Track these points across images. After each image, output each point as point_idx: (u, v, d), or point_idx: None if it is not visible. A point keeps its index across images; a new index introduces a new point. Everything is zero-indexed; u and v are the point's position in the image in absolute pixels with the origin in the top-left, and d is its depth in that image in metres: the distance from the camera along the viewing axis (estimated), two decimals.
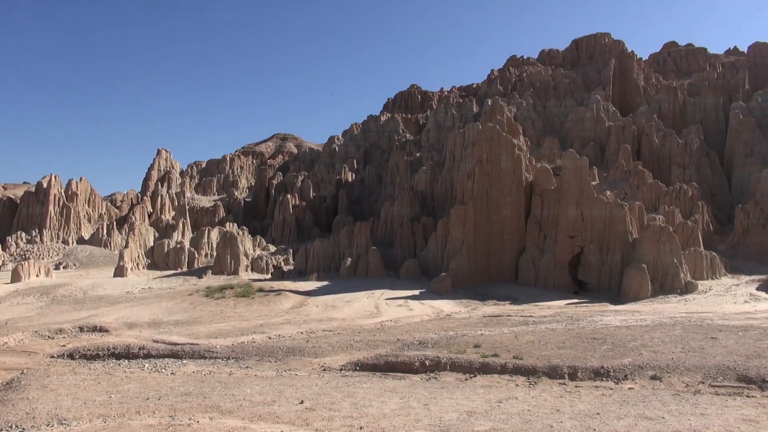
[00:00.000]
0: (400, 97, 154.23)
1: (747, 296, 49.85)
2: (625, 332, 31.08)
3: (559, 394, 19.27)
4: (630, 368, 23.45)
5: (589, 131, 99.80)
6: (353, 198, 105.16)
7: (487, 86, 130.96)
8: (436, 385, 21.48)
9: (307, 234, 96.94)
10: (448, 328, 36.23)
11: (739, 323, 35.04)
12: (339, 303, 50.31)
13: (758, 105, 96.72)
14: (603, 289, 55.33)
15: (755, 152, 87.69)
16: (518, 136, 70.08)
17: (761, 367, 22.68)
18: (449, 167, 77.23)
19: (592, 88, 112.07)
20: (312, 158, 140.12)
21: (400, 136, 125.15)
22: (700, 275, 57.14)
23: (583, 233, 58.34)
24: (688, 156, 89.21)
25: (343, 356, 29.37)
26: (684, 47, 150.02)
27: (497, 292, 55.75)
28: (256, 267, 73.64)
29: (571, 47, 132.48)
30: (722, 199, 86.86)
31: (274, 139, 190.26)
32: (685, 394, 19.72)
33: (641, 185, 78.49)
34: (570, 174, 60.17)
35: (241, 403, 17.00)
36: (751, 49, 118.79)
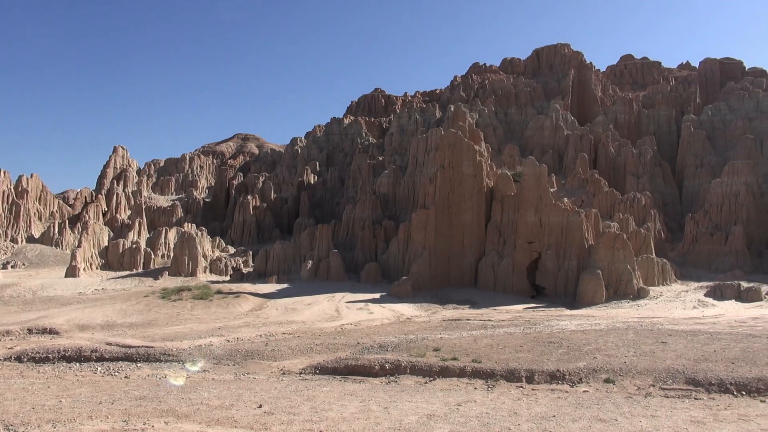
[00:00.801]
0: (363, 100, 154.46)
1: (696, 302, 51.73)
2: (580, 336, 31.80)
3: (516, 397, 19.58)
4: (585, 371, 24.01)
5: (549, 139, 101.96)
6: (315, 200, 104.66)
7: (450, 92, 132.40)
8: (396, 389, 21.55)
9: (268, 236, 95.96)
10: (409, 332, 36.39)
11: (688, 328, 36.30)
12: (299, 306, 49.93)
13: (708, 118, 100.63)
14: (559, 294, 56.53)
15: (705, 164, 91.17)
16: (480, 142, 71.04)
17: (708, 370, 23.54)
18: (412, 171, 77.68)
19: (552, 97, 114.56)
20: (274, 159, 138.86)
21: (363, 139, 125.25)
22: (652, 281, 59.02)
23: (541, 239, 59.50)
24: (642, 166, 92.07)
25: (302, 360, 29.16)
26: (639, 60, 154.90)
27: (457, 296, 56.31)
28: (214, 269, 72.47)
29: (533, 56, 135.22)
30: (673, 208, 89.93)
31: (235, 139, 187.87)
32: (637, 396, 20.31)
33: (597, 193, 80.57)
34: (529, 181, 61.31)
35: (198, 407, 16.68)
36: (702, 65, 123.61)
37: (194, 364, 28.54)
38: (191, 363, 28.63)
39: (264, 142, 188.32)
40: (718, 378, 22.68)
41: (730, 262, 68.09)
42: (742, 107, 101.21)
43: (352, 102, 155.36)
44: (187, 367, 28.21)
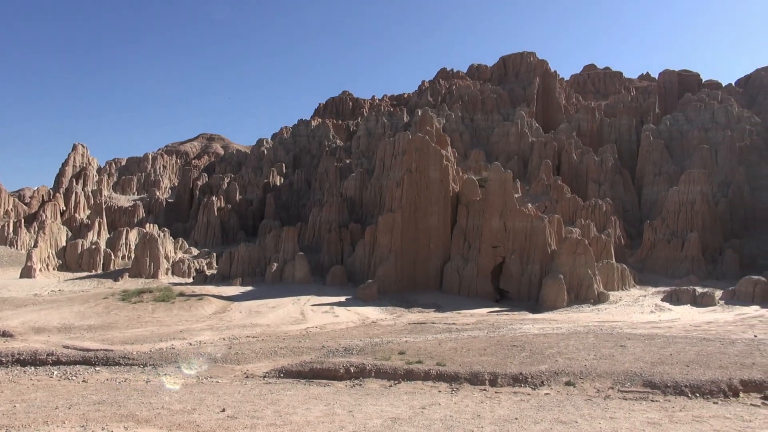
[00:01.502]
0: (331, 102, 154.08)
1: (653, 306, 53.17)
2: (542, 340, 32.35)
3: (480, 400, 19.80)
4: (546, 374, 24.43)
5: (514, 146, 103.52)
6: (281, 202, 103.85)
7: (417, 97, 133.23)
8: (361, 392, 21.55)
9: (232, 238, 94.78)
10: (374, 335, 36.43)
11: (646, 332, 37.32)
12: (264, 309, 49.45)
13: (667, 128, 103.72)
14: (523, 298, 57.38)
15: (663, 172, 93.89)
16: (446, 147, 71.66)
17: (664, 373, 24.24)
18: (378, 175, 77.86)
19: (518, 104, 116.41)
20: (239, 160, 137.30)
21: (330, 141, 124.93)
22: (612, 286, 60.44)
23: (505, 244, 60.31)
24: (604, 173, 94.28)
25: (267, 363, 28.89)
26: (602, 70, 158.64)
27: (422, 299, 56.60)
28: (177, 270, 71.20)
29: (499, 64, 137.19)
30: (633, 214, 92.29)
31: (200, 139, 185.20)
32: (597, 398, 20.77)
33: (560, 199, 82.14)
34: (495, 186, 62.11)
35: (159, 411, 16.37)
36: (661, 76, 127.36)
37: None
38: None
39: (229, 142, 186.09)
40: (673, 380, 23.37)
41: (686, 268, 70.23)
42: (698, 118, 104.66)
43: (319, 104, 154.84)
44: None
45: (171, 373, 26.75)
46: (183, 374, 26.51)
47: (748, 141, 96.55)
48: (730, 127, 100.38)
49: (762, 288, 54.49)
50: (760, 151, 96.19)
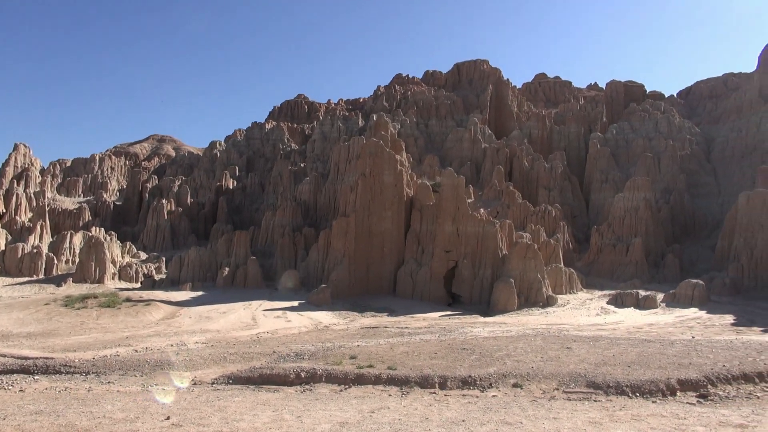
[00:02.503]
0: (286, 105, 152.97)
1: (599, 309, 54.84)
2: (492, 343, 32.90)
3: (429, 403, 19.99)
4: (495, 377, 24.86)
5: (467, 151, 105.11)
6: (233, 206, 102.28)
7: (373, 101, 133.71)
8: (311, 397, 21.44)
9: (183, 242, 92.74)
10: (326, 340, 36.28)
11: (591, 334, 38.46)
12: (214, 314, 48.57)
13: (613, 137, 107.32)
14: (475, 302, 58.23)
15: (609, 179, 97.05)
16: (401, 152, 72.16)
17: (607, 374, 25.03)
18: (333, 179, 77.72)
19: (471, 110, 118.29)
20: (191, 163, 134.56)
21: (285, 145, 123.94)
22: (560, 290, 62.03)
23: (458, 248, 61.10)
24: (553, 179, 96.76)
25: (215, 369, 28.38)
26: (552, 79, 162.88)
27: (376, 303, 56.73)
28: (124, 275, 69.16)
29: (453, 70, 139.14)
30: (581, 220, 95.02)
31: (151, 140, 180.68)
32: (542, 400, 21.26)
33: (511, 205, 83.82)
34: (448, 191, 62.88)
35: (100, 420, 15.88)
36: (608, 86, 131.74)
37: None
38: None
39: (181, 144, 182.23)
40: (615, 381, 24.15)
41: (630, 272, 72.72)
42: (642, 127, 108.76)
43: (274, 107, 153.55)
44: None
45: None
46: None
47: (689, 150, 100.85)
48: (672, 136, 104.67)
49: (700, 291, 56.93)
50: (699, 160, 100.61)
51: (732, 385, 25.30)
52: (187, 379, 26.67)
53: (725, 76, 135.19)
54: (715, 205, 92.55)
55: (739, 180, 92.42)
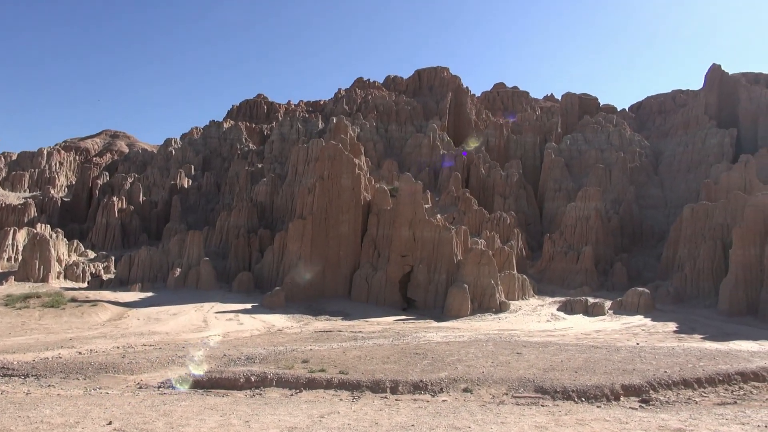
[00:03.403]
0: (245, 105, 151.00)
1: (549, 316, 56.03)
2: (444, 348, 33.19)
3: (379, 408, 19.99)
4: (446, 382, 25.08)
5: (426, 157, 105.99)
6: (188, 205, 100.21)
7: (333, 104, 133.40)
8: (260, 402, 21.15)
9: (134, 241, 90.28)
10: (278, 343, 35.90)
11: (541, 340, 39.24)
12: (164, 316, 47.43)
13: (567, 147, 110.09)
14: (429, 307, 58.65)
15: (563, 188, 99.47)
16: (360, 155, 72.20)
17: (555, 379, 25.59)
18: (291, 181, 77.14)
19: (431, 117, 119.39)
20: (145, 160, 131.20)
21: (242, 145, 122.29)
22: (513, 296, 63.13)
23: (414, 253, 61.45)
24: (509, 187, 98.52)
25: (162, 372, 27.70)
26: (510, 89, 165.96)
27: (331, 307, 56.49)
28: (70, 275, 66.82)
29: (414, 76, 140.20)
30: (534, 228, 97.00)
31: (103, 136, 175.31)
32: (491, 404, 21.57)
33: (468, 211, 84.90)
34: (405, 196, 63.22)
35: (38, 426, 15.27)
36: (563, 98, 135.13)
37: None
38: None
39: (135, 140, 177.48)
40: (562, 386, 24.71)
41: (581, 280, 74.62)
42: (595, 139, 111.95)
43: (233, 106, 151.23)
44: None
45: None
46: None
47: (638, 162, 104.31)
48: (623, 149, 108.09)
49: (646, 299, 58.85)
50: (648, 172, 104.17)
51: (672, 390, 26.24)
52: (133, 383, 25.94)
53: (674, 92, 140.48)
54: (662, 216, 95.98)
55: (684, 193, 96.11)
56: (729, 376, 28.60)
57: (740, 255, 57.65)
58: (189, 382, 24.44)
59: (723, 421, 18.75)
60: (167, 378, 26.28)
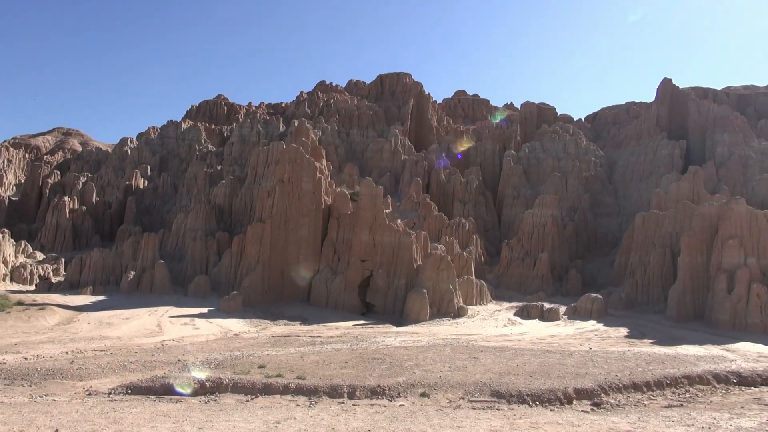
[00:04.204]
0: (205, 105, 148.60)
1: (506, 321, 56.87)
2: (403, 352, 33.30)
3: (336, 413, 19.90)
4: (403, 386, 25.16)
5: (387, 162, 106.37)
6: (143, 207, 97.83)
7: (295, 107, 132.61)
8: (215, 408, 20.78)
9: (86, 242, 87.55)
10: (235, 348, 35.37)
11: (498, 344, 39.79)
12: (116, 320, 46.13)
13: (525, 155, 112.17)
14: (388, 311, 58.74)
15: (521, 195, 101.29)
16: (321, 159, 71.90)
17: (510, 383, 25.98)
18: (250, 183, 76.17)
19: (392, 122, 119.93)
20: (99, 159, 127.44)
21: (201, 146, 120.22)
22: (471, 301, 63.82)
23: (373, 257, 61.48)
24: (468, 193, 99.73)
25: (113, 378, 26.92)
26: (471, 97, 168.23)
27: (289, 311, 55.98)
28: (17, 277, 64.32)
29: (377, 81, 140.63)
30: (493, 234, 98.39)
31: (55, 133, 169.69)
32: (448, 409, 21.73)
33: (428, 216, 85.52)
34: (366, 201, 63.25)
35: None
36: (523, 107, 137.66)
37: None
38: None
39: (89, 139, 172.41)
40: (517, 390, 25.12)
41: (537, 285, 76.02)
42: (552, 148, 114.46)
43: (192, 106, 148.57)
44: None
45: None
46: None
47: (593, 171, 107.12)
48: (579, 158, 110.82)
49: (599, 305, 60.37)
50: (602, 181, 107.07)
51: (623, 393, 26.99)
52: (82, 389, 25.13)
53: (627, 104, 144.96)
54: (615, 224, 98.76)
55: (636, 201, 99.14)
56: (676, 379, 29.60)
57: (688, 262, 59.76)
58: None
59: (669, 423, 19.39)
60: (119, 384, 25.57)
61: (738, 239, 57.50)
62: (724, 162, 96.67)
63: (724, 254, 57.59)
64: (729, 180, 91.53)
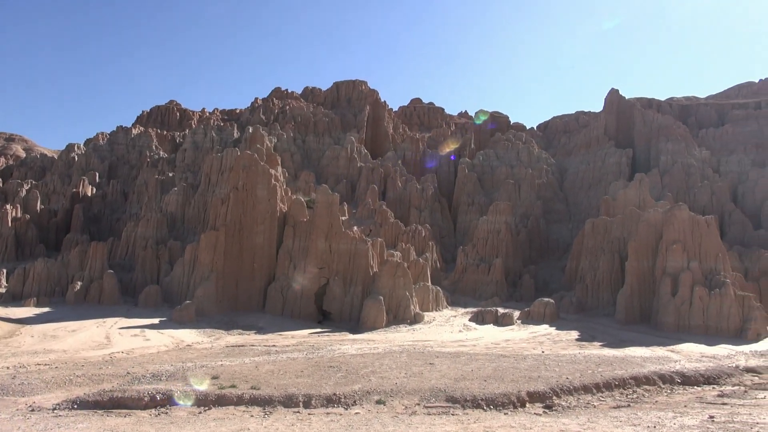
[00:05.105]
0: (156, 111, 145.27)
1: (461, 326, 57.48)
2: (359, 360, 33.25)
3: (291, 423, 19.73)
4: (359, 394, 25.12)
5: (343, 169, 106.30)
6: (91, 215, 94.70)
7: (250, 113, 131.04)
8: (165, 421, 20.29)
9: (29, 252, 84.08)
10: (187, 359, 34.58)
11: (453, 350, 40.18)
12: (61, 332, 44.43)
13: (480, 163, 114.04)
14: (345, 319, 58.53)
15: (475, 202, 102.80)
16: (276, 166, 71.29)
17: (465, 388, 26.28)
18: (204, 191, 74.86)
19: (349, 129, 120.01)
20: (44, 165, 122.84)
21: (152, 152, 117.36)
22: (427, 307, 64.27)
23: (330, 265, 61.23)
24: (424, 200, 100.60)
25: (58, 393, 25.93)
26: (427, 105, 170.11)
27: (244, 321, 55.10)
28: None
29: (333, 89, 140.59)
30: (448, 240, 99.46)
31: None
32: (403, 415, 21.82)
33: (384, 223, 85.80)
34: (322, 208, 63.00)
35: None
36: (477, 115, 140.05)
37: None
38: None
39: (33, 144, 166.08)
40: (472, 395, 25.43)
41: (491, 291, 77.20)
42: (506, 156, 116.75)
43: (143, 112, 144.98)
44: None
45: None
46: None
47: (545, 179, 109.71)
48: (531, 165, 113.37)
49: (551, 309, 61.74)
50: (554, 188, 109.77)
51: (574, 395, 27.67)
52: (24, 405, 24.08)
53: (577, 113, 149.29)
54: (566, 230, 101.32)
55: (586, 208, 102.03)
56: (624, 380, 30.55)
57: (635, 267, 61.83)
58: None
59: (617, 423, 20.00)
60: (64, 399, 24.64)
61: (681, 244, 59.84)
62: (668, 170, 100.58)
63: (669, 259, 59.82)
64: (672, 187, 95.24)
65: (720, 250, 60.59)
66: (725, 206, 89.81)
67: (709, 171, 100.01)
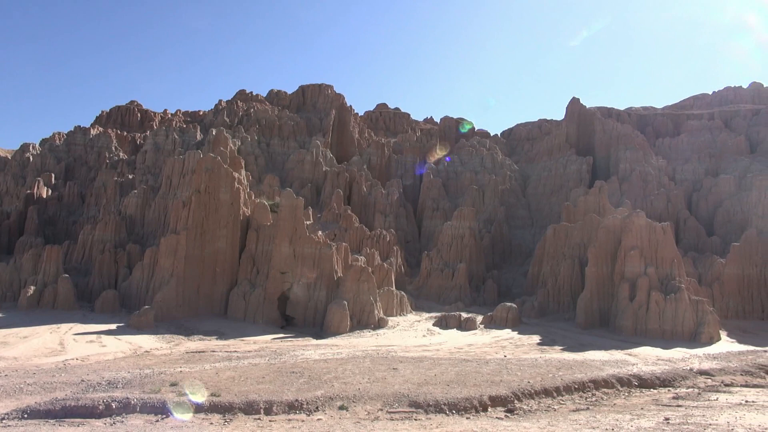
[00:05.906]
0: (116, 111, 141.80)
1: (425, 331, 57.68)
2: (322, 365, 32.98)
3: (252, 430, 19.41)
4: (322, 400, 24.89)
5: (308, 173, 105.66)
6: (46, 217, 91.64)
7: (213, 116, 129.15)
8: (121, 430, 19.70)
9: None
10: (145, 366, 33.72)
11: (417, 355, 40.23)
12: (12, 339, 42.80)
13: (444, 168, 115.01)
14: (308, 324, 58.08)
15: (440, 208, 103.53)
16: (240, 169, 70.39)
17: (428, 393, 26.31)
18: (164, 193, 73.36)
19: (314, 133, 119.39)
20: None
21: (112, 153, 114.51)
22: (391, 312, 64.30)
23: (294, 269, 60.67)
24: (389, 205, 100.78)
25: (7, 403, 24.92)
26: (392, 110, 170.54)
27: (205, 326, 54.11)
28: None
29: (298, 92, 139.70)
30: (413, 245, 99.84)
31: None
32: (366, 421, 21.70)
33: (349, 228, 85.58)
34: (286, 212, 62.44)
35: None
36: (442, 121, 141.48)
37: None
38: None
39: None
40: (435, 399, 25.47)
41: (455, 296, 77.72)
42: (470, 161, 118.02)
43: (102, 112, 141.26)
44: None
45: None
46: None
47: (508, 185, 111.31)
48: (495, 171, 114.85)
49: (513, 314, 62.51)
50: (517, 194, 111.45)
51: (535, 399, 28.00)
52: None
53: (540, 121, 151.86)
54: (529, 235, 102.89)
55: (548, 214, 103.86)
56: (583, 384, 31.08)
57: (594, 272, 63.16)
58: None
59: (577, 426, 20.30)
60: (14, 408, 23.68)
61: (639, 250, 61.40)
62: (627, 177, 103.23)
63: (627, 264, 61.31)
64: (631, 194, 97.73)
65: (675, 256, 62.39)
66: (680, 213, 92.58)
67: (666, 179, 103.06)
